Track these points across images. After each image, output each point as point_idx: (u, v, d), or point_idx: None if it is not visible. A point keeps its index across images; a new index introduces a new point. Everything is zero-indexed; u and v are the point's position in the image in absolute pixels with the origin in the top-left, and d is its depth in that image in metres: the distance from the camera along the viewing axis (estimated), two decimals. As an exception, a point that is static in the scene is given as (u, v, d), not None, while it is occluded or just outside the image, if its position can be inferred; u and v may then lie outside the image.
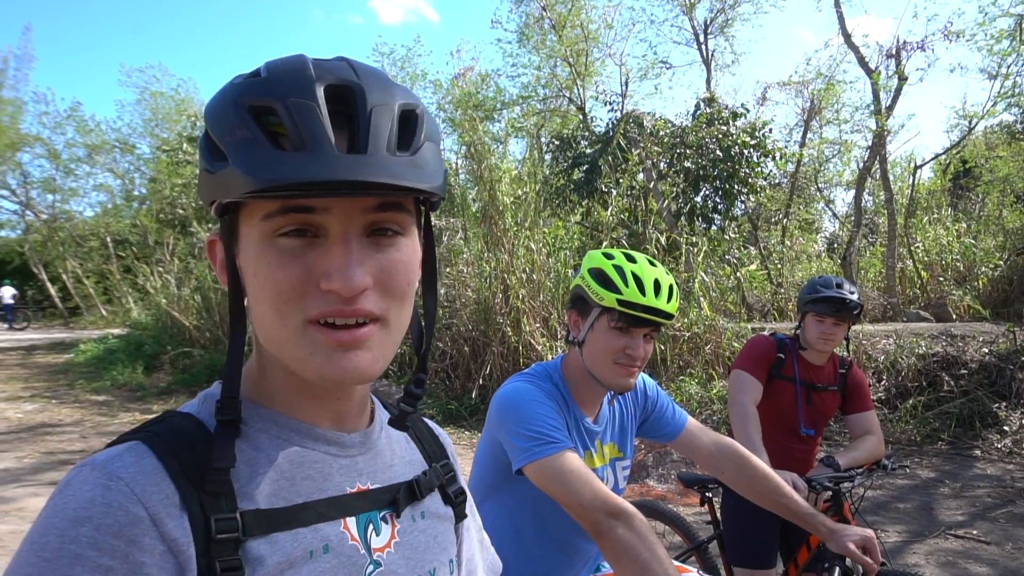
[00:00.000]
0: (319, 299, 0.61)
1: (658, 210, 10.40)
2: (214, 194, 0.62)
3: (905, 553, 4.17)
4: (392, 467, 0.77)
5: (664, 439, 1.85)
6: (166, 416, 0.67)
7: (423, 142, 0.62)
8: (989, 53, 12.34)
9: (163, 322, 13.65)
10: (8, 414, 8.94)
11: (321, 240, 0.62)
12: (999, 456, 6.08)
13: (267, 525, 0.63)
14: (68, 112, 24.63)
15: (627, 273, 1.57)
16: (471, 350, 8.61)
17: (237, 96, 0.60)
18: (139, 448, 0.61)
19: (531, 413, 1.51)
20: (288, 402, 0.70)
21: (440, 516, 0.81)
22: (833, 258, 15.25)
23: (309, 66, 0.60)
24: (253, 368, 0.72)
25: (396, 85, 0.64)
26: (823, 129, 17.66)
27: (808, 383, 2.72)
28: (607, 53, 16.41)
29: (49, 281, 25.98)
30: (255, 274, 0.63)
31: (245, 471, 0.64)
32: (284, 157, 0.56)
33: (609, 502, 1.37)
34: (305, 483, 0.67)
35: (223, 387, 0.66)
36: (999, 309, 10.24)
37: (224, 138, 0.59)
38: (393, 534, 0.73)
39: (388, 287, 0.64)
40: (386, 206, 0.63)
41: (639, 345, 1.59)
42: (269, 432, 0.68)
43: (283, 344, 0.63)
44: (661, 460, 5.54)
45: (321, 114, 0.58)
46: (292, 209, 0.60)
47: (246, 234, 0.64)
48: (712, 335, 7.92)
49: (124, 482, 0.57)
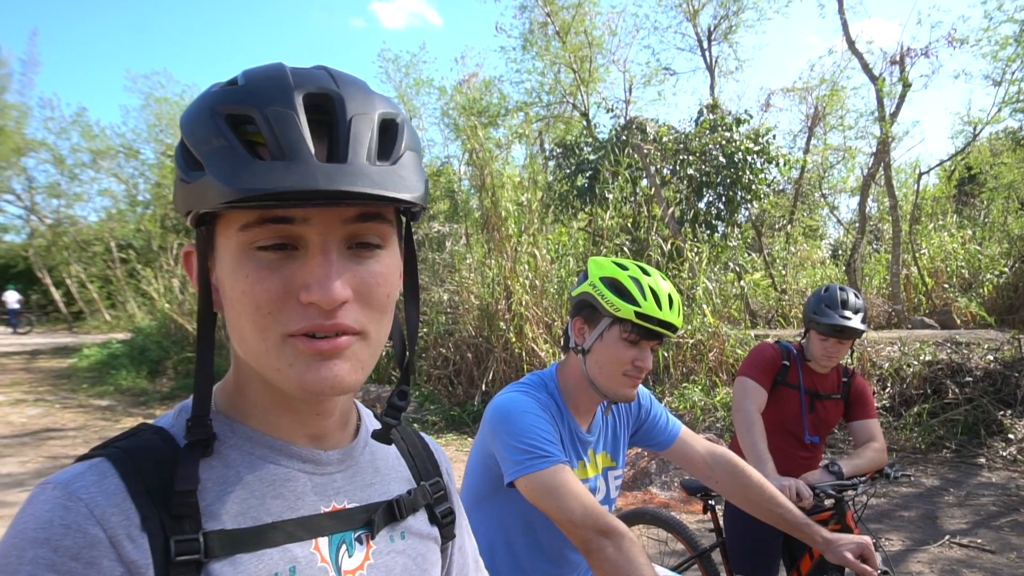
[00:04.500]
0: (299, 313, 0.60)
1: (661, 216, 10.38)
2: (190, 204, 0.60)
3: (908, 561, 4.15)
4: (372, 485, 0.75)
5: (657, 448, 1.84)
6: (138, 430, 0.66)
7: (403, 151, 0.61)
8: (994, 59, 12.34)
9: (167, 327, 13.69)
10: (11, 418, 8.95)
11: (300, 252, 0.61)
12: (1004, 464, 6.05)
13: (230, 546, 0.61)
14: (73, 117, 24.75)
15: (645, 286, 1.57)
16: (474, 356, 8.60)
17: (214, 104, 0.59)
18: (103, 466, 0.60)
19: (524, 425, 1.50)
20: (264, 418, 0.68)
21: (424, 536, 0.79)
22: (837, 265, 15.22)
23: (288, 74, 0.60)
24: (230, 382, 0.70)
25: (376, 94, 0.63)
26: (827, 135, 17.65)
27: (812, 391, 2.72)
28: (611, 59, 16.47)
29: (53, 286, 26.07)
30: (233, 287, 0.62)
31: (213, 490, 0.63)
32: (262, 166, 0.55)
33: (600, 520, 1.36)
34: (275, 502, 0.66)
35: (193, 405, 0.65)
36: (1004, 316, 10.21)
37: (200, 147, 0.58)
38: (367, 555, 0.71)
39: (368, 300, 0.63)
40: (366, 216, 0.62)
41: (648, 357, 1.59)
42: (242, 449, 0.67)
43: (262, 357, 0.62)
44: (664, 467, 5.52)
45: (300, 123, 0.57)
46: (270, 220, 0.59)
47: (223, 245, 0.62)
48: (715, 342, 7.91)
49: (83, 503, 0.56)
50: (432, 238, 11.43)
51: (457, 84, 17.31)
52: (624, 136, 11.60)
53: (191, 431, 0.63)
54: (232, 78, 0.62)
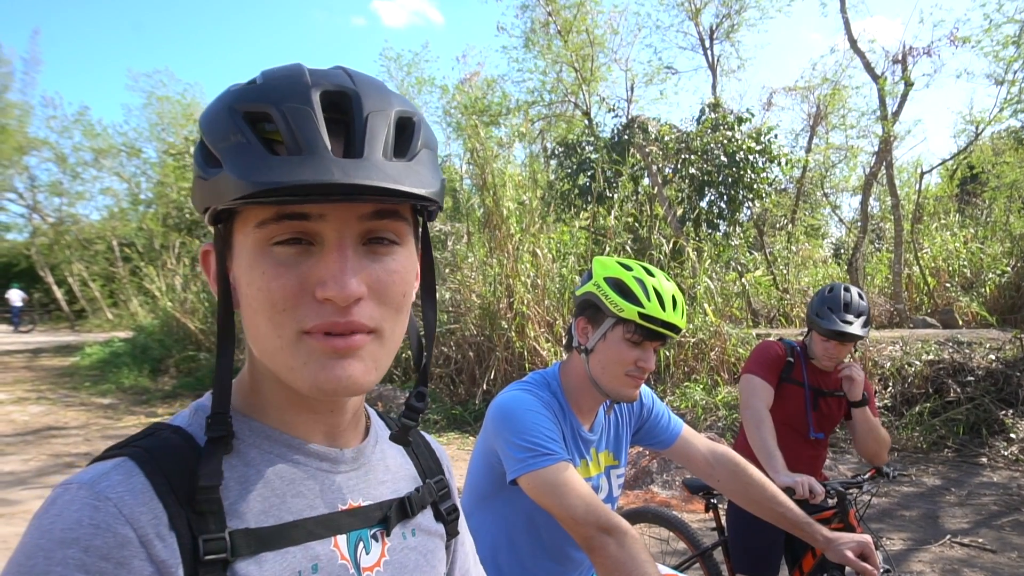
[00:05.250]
0: (314, 310, 0.60)
1: (663, 215, 10.38)
2: (207, 200, 0.61)
3: (909, 561, 4.15)
4: (384, 483, 0.76)
5: (659, 447, 1.84)
6: (155, 429, 0.66)
7: (420, 149, 0.62)
8: (995, 59, 12.32)
9: (169, 325, 13.71)
10: (14, 417, 8.97)
11: (316, 248, 0.61)
12: (1005, 464, 6.04)
13: (256, 545, 0.61)
14: (75, 116, 24.83)
15: (649, 287, 1.58)
16: (476, 355, 8.60)
17: (232, 102, 0.59)
18: (127, 465, 0.60)
19: (527, 423, 1.51)
20: (280, 416, 0.69)
21: (431, 533, 0.80)
22: (839, 264, 15.21)
23: (305, 73, 0.60)
24: (245, 380, 0.70)
25: (393, 93, 0.63)
26: (829, 134, 17.62)
27: (816, 388, 2.73)
28: (613, 58, 16.43)
29: (55, 284, 26.11)
30: (249, 284, 0.62)
31: (235, 488, 0.63)
32: (278, 161, 0.55)
33: (603, 517, 1.36)
34: (296, 500, 0.66)
35: (213, 402, 0.64)
36: (1006, 315, 10.20)
37: (218, 144, 0.58)
38: (383, 552, 0.72)
39: (383, 298, 0.63)
40: (382, 214, 0.62)
41: (651, 357, 1.60)
42: (260, 447, 0.67)
43: (276, 354, 0.62)
44: (665, 466, 5.52)
45: (316, 119, 0.57)
46: (287, 216, 0.59)
47: (240, 242, 0.63)
48: (717, 341, 7.91)
49: (112, 502, 0.56)
50: (434, 237, 11.44)
51: (459, 83, 17.31)
52: (626, 135, 11.59)
53: (211, 427, 0.63)
54: (252, 79, 0.62)
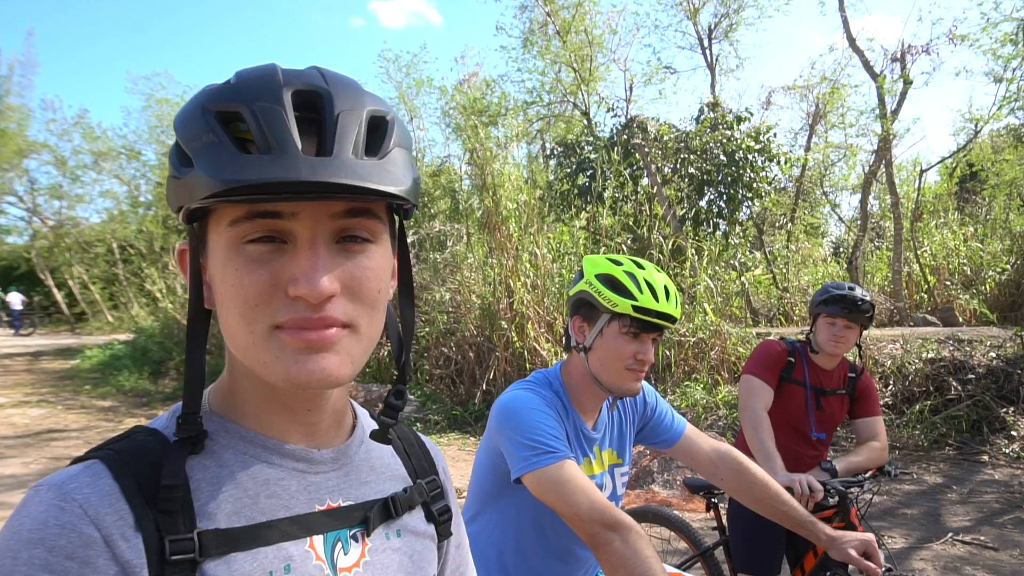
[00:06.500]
0: (287, 306, 0.60)
1: (663, 215, 10.38)
2: (180, 199, 0.61)
3: (911, 559, 4.15)
4: (367, 484, 0.75)
5: (663, 446, 1.84)
6: (133, 432, 0.66)
7: (392, 147, 0.62)
8: (994, 57, 12.31)
9: (169, 327, 13.71)
10: (14, 419, 8.97)
11: (289, 246, 0.61)
12: (1006, 461, 6.04)
13: (225, 545, 0.61)
14: (75, 119, 24.73)
15: (640, 280, 1.58)
16: (476, 355, 8.61)
17: (204, 102, 0.60)
18: (96, 468, 0.61)
19: (530, 422, 1.51)
20: (257, 416, 0.69)
21: (420, 534, 0.79)
22: (839, 262, 15.20)
23: (278, 73, 0.60)
24: (224, 382, 0.71)
25: (366, 92, 0.64)
26: (828, 133, 17.58)
27: (818, 387, 2.72)
28: (611, 58, 16.40)
29: (55, 287, 26.09)
30: (223, 281, 0.62)
31: (207, 489, 0.63)
32: (248, 160, 0.56)
33: (607, 514, 1.36)
34: (269, 501, 0.66)
35: (183, 403, 0.65)
36: (1006, 313, 10.20)
37: (190, 143, 0.59)
38: (363, 553, 0.71)
39: (357, 294, 0.63)
40: (355, 212, 0.62)
41: (649, 350, 1.60)
42: (235, 448, 0.67)
43: (249, 349, 0.62)
44: (667, 465, 5.52)
45: (287, 118, 0.57)
46: (259, 214, 0.60)
47: (214, 241, 0.63)
48: (717, 340, 7.91)
49: (78, 503, 0.57)
50: (433, 237, 11.45)
51: (457, 83, 17.29)
52: (625, 135, 11.59)
53: (180, 428, 0.64)
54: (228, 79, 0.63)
